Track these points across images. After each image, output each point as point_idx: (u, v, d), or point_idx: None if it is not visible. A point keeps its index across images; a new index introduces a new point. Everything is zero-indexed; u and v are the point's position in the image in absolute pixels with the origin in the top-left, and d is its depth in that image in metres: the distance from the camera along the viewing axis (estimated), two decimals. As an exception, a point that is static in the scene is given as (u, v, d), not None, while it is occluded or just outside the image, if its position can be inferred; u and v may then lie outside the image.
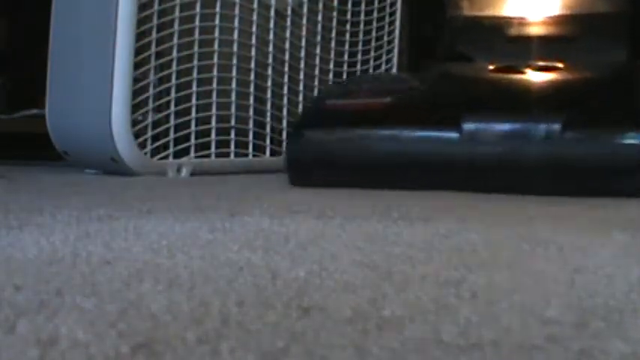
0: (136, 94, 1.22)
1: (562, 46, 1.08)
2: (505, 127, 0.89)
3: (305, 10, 1.47)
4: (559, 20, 1.07)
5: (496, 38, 1.11)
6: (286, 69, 1.45)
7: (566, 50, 1.07)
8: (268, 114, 1.41)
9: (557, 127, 0.86)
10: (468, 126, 0.89)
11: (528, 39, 1.07)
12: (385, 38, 1.65)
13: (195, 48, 1.28)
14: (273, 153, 1.42)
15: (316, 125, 1.00)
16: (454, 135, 0.90)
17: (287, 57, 1.44)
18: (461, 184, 0.89)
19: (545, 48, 1.08)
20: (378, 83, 1.09)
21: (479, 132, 0.89)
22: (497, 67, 1.03)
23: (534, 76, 1.00)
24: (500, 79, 1.00)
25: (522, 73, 1.00)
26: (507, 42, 1.12)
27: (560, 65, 0.99)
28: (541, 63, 1.02)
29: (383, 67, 1.65)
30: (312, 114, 1.05)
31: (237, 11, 1.34)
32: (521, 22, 1.05)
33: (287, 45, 1.44)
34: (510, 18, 1.08)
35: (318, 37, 1.51)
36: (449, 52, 1.13)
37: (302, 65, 1.48)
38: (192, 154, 1.29)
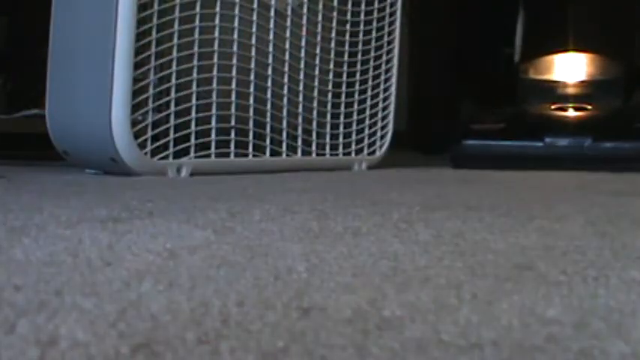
0: (136, 94, 1.22)
1: (590, 96, 1.83)
2: (565, 141, 1.68)
3: (305, 10, 1.47)
4: (586, 83, 1.85)
5: (549, 92, 1.86)
6: (286, 69, 1.45)
7: (593, 99, 1.82)
8: (268, 114, 1.41)
9: (589, 140, 1.66)
10: (547, 140, 1.68)
11: (568, 93, 1.85)
12: (385, 38, 1.65)
13: (195, 48, 1.28)
14: (273, 153, 1.42)
15: (465, 137, 1.74)
16: (539, 144, 1.68)
17: (287, 57, 1.44)
18: (541, 168, 1.59)
19: (580, 93, 1.85)
20: (492, 115, 1.85)
21: (553, 143, 1.68)
22: (557, 106, 1.79)
23: (575, 111, 1.78)
24: (557, 113, 1.79)
25: (566, 109, 1.77)
26: (557, 95, 1.86)
27: (589, 106, 1.77)
28: (579, 105, 1.79)
29: (383, 67, 1.66)
30: (463, 130, 1.79)
31: (237, 11, 1.34)
32: (565, 84, 1.85)
33: (287, 45, 1.44)
34: (558, 81, 1.86)
35: (318, 37, 1.51)
36: (519, 99, 1.88)
37: (302, 65, 1.48)
38: (192, 154, 1.29)
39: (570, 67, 1.88)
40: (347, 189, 1.10)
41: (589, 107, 1.78)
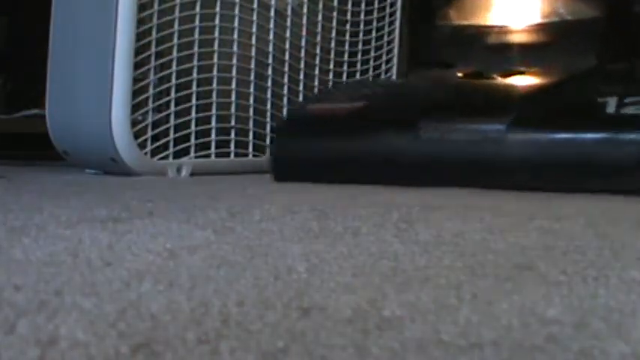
0: (136, 94, 1.22)
1: (539, 52, 1.17)
2: (456, 128, 0.98)
3: (305, 10, 1.47)
4: (536, 28, 1.16)
5: (478, 46, 1.21)
6: (286, 69, 1.45)
7: (542, 56, 1.15)
8: (268, 114, 1.41)
9: (501, 128, 0.94)
10: (424, 128, 0.99)
11: (508, 46, 1.17)
12: (385, 38, 1.65)
13: (195, 48, 1.28)
14: (273, 153, 1.42)
15: (298, 128, 1.14)
16: (412, 136, 1.00)
17: (287, 57, 1.44)
18: (418, 180, 0.98)
19: (523, 54, 1.18)
20: (352, 90, 1.20)
21: (434, 134, 0.99)
22: (465, 73, 1.12)
23: (496, 81, 1.07)
24: (462, 84, 1.09)
25: (489, 78, 1.10)
26: (488, 49, 1.21)
27: (524, 69, 1.08)
28: (508, 69, 1.11)
29: (383, 67, 1.65)
30: (294, 118, 1.20)
31: (237, 11, 1.34)
32: (502, 31, 1.15)
33: (287, 45, 1.44)
34: (492, 27, 1.17)
35: (318, 37, 1.51)
36: (435, 58, 1.24)
37: (302, 65, 1.48)
38: (192, 154, 1.29)
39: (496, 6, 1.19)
40: (347, 189, 1.10)
41: (520, 70, 1.12)
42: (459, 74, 1.16)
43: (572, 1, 1.19)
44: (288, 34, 1.44)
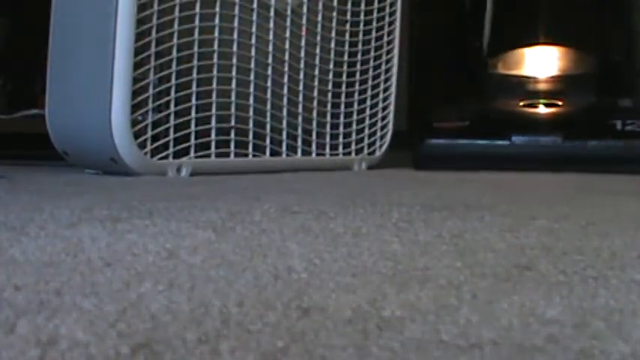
0: (135, 94, 1.22)
1: (561, 92, 1.75)
2: (531, 139, 1.66)
3: (305, 10, 1.47)
4: (557, 79, 1.77)
5: (518, 87, 1.78)
6: (286, 69, 1.45)
7: (564, 95, 1.74)
8: (268, 114, 1.41)
9: (559, 139, 1.64)
10: (515, 139, 1.65)
11: (537, 89, 1.79)
12: (385, 38, 1.65)
13: (195, 48, 1.28)
14: (272, 153, 1.42)
15: (432, 136, 1.69)
16: (506, 143, 1.65)
17: (287, 57, 1.44)
18: (510, 169, 1.58)
19: (550, 89, 1.77)
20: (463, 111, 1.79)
21: (520, 142, 1.65)
22: (524, 103, 1.72)
23: (544, 108, 1.72)
24: (525, 110, 1.72)
25: (536, 106, 1.71)
26: (526, 90, 1.78)
27: (560, 102, 1.71)
28: (549, 101, 1.72)
29: (383, 67, 1.65)
30: (429, 129, 1.73)
31: (237, 11, 1.34)
32: (535, 80, 1.78)
33: (287, 45, 1.44)
34: (528, 76, 1.78)
35: (318, 37, 1.51)
36: (487, 95, 1.81)
37: (302, 65, 1.48)
38: (192, 154, 1.29)
39: (541, 62, 1.77)
40: (347, 189, 1.10)
41: (559, 103, 1.70)
42: (521, 103, 1.70)
43: (577, 57, 1.86)
44: (287, 34, 1.44)
